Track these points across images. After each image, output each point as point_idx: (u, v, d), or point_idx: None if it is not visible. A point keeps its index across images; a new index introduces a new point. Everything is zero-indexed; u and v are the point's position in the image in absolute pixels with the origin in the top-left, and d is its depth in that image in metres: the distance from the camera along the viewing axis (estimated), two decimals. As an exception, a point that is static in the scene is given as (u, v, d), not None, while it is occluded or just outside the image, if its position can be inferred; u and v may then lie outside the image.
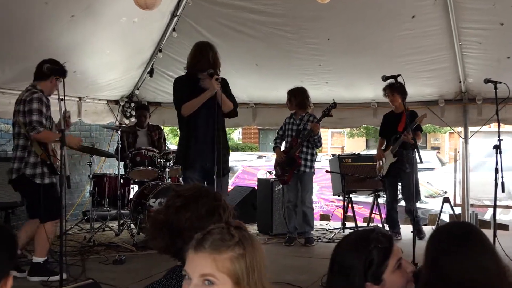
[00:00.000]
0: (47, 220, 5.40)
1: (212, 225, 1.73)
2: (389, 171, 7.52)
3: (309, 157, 7.36)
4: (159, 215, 2.19)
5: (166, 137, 8.97)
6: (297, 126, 7.42)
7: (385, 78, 5.79)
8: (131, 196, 7.90)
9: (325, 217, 9.67)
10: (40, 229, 5.38)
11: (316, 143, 7.35)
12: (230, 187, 9.58)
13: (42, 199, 5.30)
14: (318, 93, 8.54)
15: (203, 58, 5.60)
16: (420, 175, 9.01)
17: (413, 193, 6.77)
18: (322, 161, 13.44)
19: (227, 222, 1.77)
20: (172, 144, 29.72)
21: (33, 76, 5.48)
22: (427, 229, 7.68)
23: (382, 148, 7.74)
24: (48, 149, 5.38)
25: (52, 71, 5.41)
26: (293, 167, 7.33)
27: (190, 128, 5.61)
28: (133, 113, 9.51)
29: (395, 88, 7.19)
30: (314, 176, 7.58)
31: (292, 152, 7.32)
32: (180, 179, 8.02)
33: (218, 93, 5.41)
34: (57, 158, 5.41)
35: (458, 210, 8.50)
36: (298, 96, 7.40)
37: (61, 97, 5.06)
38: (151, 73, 8.79)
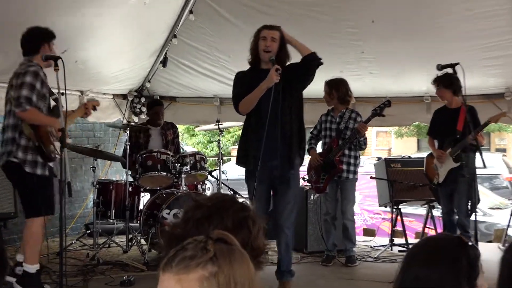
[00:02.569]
0: (30, 216, 5.45)
1: (190, 239, 1.70)
2: (447, 178, 7.33)
3: (352, 160, 7.33)
4: (176, 230, 2.19)
5: (181, 137, 9.02)
6: (337, 125, 7.38)
7: (440, 67, 5.74)
8: (141, 207, 7.95)
9: (369, 232, 9.63)
10: (27, 228, 5.45)
11: (361, 145, 7.32)
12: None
13: (30, 191, 5.38)
14: (361, 85, 8.51)
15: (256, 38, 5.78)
16: (482, 182, 8.91)
17: (469, 204, 6.69)
18: (366, 166, 13.40)
19: (208, 234, 1.75)
20: (188, 146, 29.96)
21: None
22: (492, 247, 7.59)
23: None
24: (39, 132, 5.40)
25: (37, 39, 5.50)
26: (332, 173, 7.31)
27: (254, 125, 5.71)
28: (143, 109, 9.58)
29: (440, 80, 7.09)
30: (356, 183, 7.55)
31: (331, 156, 7.28)
32: (199, 186, 8.07)
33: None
34: (53, 143, 5.46)
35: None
36: (340, 89, 7.30)
37: (61, 90, 5.11)
38: (164, 63, 8.86)
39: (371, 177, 8.68)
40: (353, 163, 7.35)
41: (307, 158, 6.98)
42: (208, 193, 8.38)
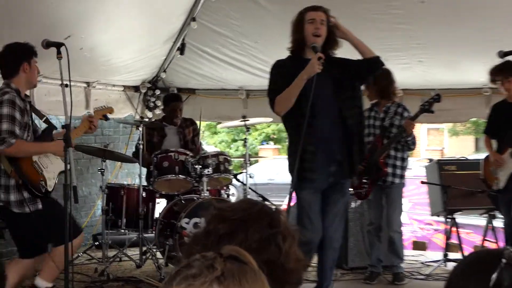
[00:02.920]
0: (57, 244, 5.49)
1: (197, 255, 1.69)
2: (509, 183, 7.24)
3: (398, 162, 7.29)
4: (196, 245, 2.20)
5: (201, 135, 9.03)
6: (381, 121, 7.36)
7: (502, 54, 5.68)
8: (156, 215, 7.99)
9: (419, 246, 9.58)
10: (50, 258, 5.57)
11: (408, 145, 7.28)
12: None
13: (27, 231, 5.47)
14: (409, 75, 8.45)
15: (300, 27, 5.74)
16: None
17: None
18: (415, 169, 13.31)
19: (219, 250, 1.73)
20: (210, 145, 30.05)
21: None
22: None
23: (494, 150, 7.49)
24: (22, 166, 5.42)
25: (16, 59, 5.52)
26: (375, 176, 7.28)
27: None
28: (158, 103, 9.62)
29: (505, 68, 6.96)
30: (404, 189, 7.51)
31: (375, 157, 7.25)
32: (222, 191, 8.09)
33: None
34: (43, 174, 5.51)
35: None
36: (381, 81, 7.28)
37: (65, 82, 5.14)
38: (181, 50, 8.89)
39: (422, 182, 8.62)
40: (400, 166, 7.31)
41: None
42: (232, 199, 8.40)
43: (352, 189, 7.59)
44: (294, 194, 5.67)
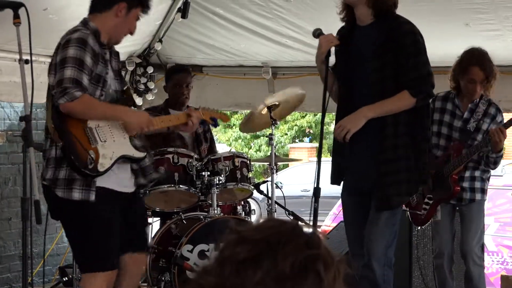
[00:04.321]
0: (86, 271, 5.67)
1: None
2: None
3: (478, 173, 7.24)
4: (207, 278, 2.21)
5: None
6: (463, 122, 7.29)
7: None
8: (148, 240, 8.03)
9: (511, 282, 9.57)
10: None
11: (489, 162, 7.20)
12: (331, 222, 9.64)
13: (67, 229, 5.65)
14: (499, 46, 8.44)
15: None
16: None
17: None
18: (507, 175, 13.28)
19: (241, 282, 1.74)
20: (222, 143, 30.07)
21: None
22: None
23: None
24: (70, 127, 5.46)
25: None
26: (443, 197, 7.25)
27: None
28: (151, 85, 9.66)
29: None
30: (489, 204, 7.50)
31: (446, 170, 7.21)
32: (239, 208, 8.10)
33: None
34: (97, 147, 5.53)
35: None
36: (487, 66, 7.09)
37: (24, 56, 5.18)
38: (183, 12, 8.90)
39: (515, 194, 8.63)
40: (480, 178, 7.26)
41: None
42: (253, 218, 8.41)
43: (407, 208, 7.60)
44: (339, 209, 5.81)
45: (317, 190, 5.66)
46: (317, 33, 5.87)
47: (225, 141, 31.87)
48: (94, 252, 5.56)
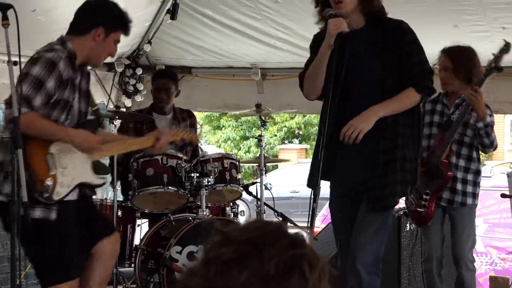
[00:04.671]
0: (48, 284, 5.64)
1: None
2: None
3: (470, 176, 7.18)
4: (193, 279, 2.20)
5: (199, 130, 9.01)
6: (448, 117, 7.28)
7: None
8: (137, 242, 8.06)
9: (499, 283, 9.58)
10: None
11: (483, 137, 7.21)
12: (320, 224, 9.62)
13: (30, 246, 5.52)
14: (488, 47, 8.45)
15: None
16: None
17: None
18: (495, 177, 13.28)
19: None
20: (211, 144, 30.05)
21: None
22: None
23: None
24: (31, 150, 5.43)
25: (95, 17, 5.71)
26: (437, 186, 7.24)
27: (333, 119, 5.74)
28: (140, 87, 9.66)
29: None
30: (478, 206, 7.50)
31: (434, 158, 7.19)
32: (227, 209, 8.10)
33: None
34: (56, 174, 5.53)
35: None
36: (469, 63, 7.25)
37: (12, 58, 5.17)
38: (172, 14, 8.90)
39: (503, 195, 8.61)
40: (473, 182, 7.23)
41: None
42: (242, 219, 8.42)
43: (407, 208, 7.59)
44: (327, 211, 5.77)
45: (316, 189, 5.47)
46: (328, 14, 5.61)
47: (215, 142, 31.89)
48: (50, 266, 5.60)
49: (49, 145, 5.49)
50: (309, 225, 5.53)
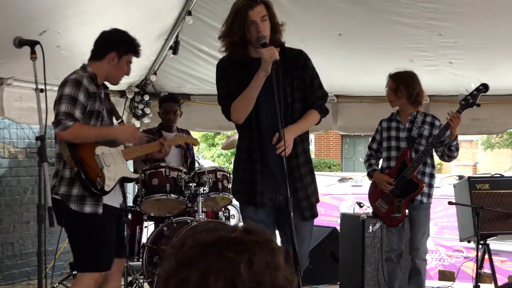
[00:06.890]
0: (83, 270, 5.78)
1: None
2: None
3: (427, 179, 7.24)
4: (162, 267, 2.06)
5: (196, 148, 9.00)
6: (408, 132, 7.28)
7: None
8: (144, 240, 8.03)
9: (447, 276, 9.57)
10: (73, 285, 5.90)
11: (451, 152, 7.19)
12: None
13: (75, 236, 5.73)
14: (437, 79, 8.46)
15: (239, 22, 5.49)
16: None
17: None
18: (444, 187, 13.28)
19: None
20: (207, 159, 30.00)
21: None
22: None
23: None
24: (82, 155, 5.64)
25: (108, 44, 5.85)
26: (412, 193, 7.20)
27: (252, 140, 5.64)
28: (147, 111, 9.65)
29: None
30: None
31: (407, 173, 7.15)
32: (220, 213, 8.09)
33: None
34: (103, 171, 5.70)
35: None
36: (411, 85, 7.23)
37: (39, 86, 5.16)
38: (175, 49, 8.89)
39: (450, 203, 8.57)
40: (428, 183, 7.28)
41: (367, 184, 6.87)
42: (232, 222, 8.39)
43: (381, 218, 7.58)
44: None
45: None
46: (262, 42, 5.35)
47: (210, 157, 31.83)
48: (90, 255, 5.72)
49: (94, 148, 5.67)
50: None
